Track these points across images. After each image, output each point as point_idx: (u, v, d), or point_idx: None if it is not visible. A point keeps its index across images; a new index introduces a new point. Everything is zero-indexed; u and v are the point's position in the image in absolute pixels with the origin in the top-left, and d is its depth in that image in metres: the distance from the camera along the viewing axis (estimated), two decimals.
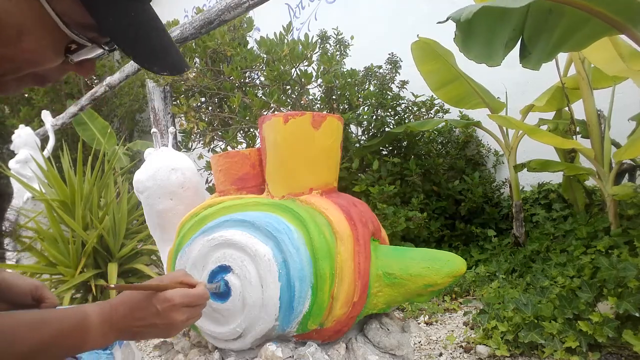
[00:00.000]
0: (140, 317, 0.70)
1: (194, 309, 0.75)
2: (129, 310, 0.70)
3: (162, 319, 0.71)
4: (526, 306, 1.81)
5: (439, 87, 2.81)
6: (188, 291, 0.74)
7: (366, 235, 1.14)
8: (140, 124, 6.76)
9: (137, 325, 0.71)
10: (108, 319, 0.69)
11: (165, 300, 0.71)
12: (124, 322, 0.70)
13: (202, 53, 2.88)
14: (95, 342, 0.68)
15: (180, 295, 0.72)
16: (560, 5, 1.44)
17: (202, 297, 0.76)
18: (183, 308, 0.73)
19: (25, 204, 3.45)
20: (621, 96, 2.47)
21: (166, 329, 0.72)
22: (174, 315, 0.71)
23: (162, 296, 0.71)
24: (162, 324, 0.71)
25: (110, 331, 0.69)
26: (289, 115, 1.16)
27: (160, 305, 0.71)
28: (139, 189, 1.42)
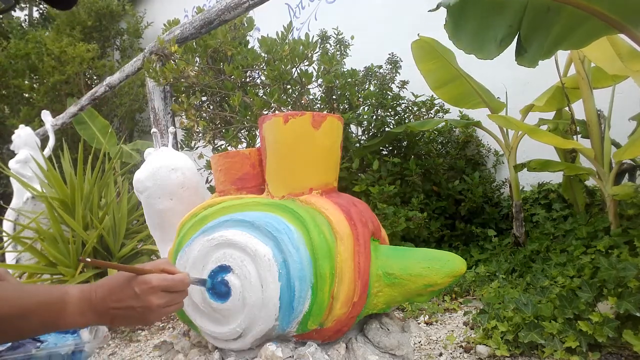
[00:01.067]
0: (118, 299, 0.70)
1: (173, 294, 0.74)
2: (107, 292, 0.71)
3: (140, 301, 0.71)
4: (526, 306, 1.81)
5: (438, 87, 2.82)
6: (167, 275, 0.74)
7: (366, 235, 1.14)
8: (140, 124, 6.76)
9: (114, 307, 0.70)
10: (87, 297, 0.70)
11: (143, 283, 0.71)
12: (103, 303, 0.70)
13: (202, 52, 2.88)
14: (72, 319, 0.69)
15: (158, 279, 0.72)
16: (560, 4, 1.44)
17: (182, 281, 0.75)
18: (161, 292, 0.72)
19: (25, 204, 3.45)
20: (621, 96, 2.47)
21: (143, 313, 0.72)
22: (152, 299, 0.71)
23: (141, 279, 0.71)
24: (139, 306, 0.71)
25: (89, 311, 0.70)
26: (289, 115, 1.16)
27: (138, 287, 0.71)
28: (139, 188, 1.42)
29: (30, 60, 6.05)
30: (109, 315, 0.71)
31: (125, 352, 2.30)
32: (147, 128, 6.55)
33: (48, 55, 5.87)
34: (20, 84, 6.12)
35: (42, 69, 5.96)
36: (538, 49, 1.57)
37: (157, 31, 5.52)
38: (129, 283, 0.71)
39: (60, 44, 5.81)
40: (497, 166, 3.44)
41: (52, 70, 5.89)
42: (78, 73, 5.96)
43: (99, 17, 6.54)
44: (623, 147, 2.06)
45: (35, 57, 5.98)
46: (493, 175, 3.40)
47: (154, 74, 2.74)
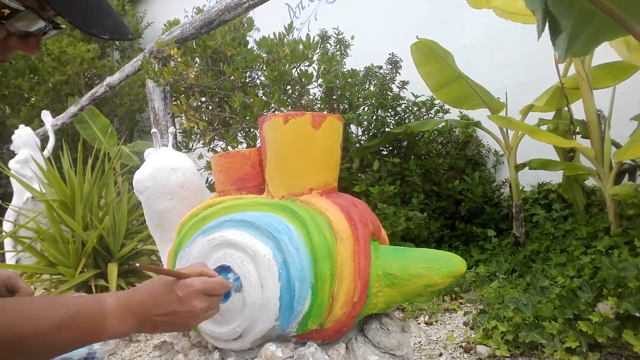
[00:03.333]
0: (161, 303, 0.68)
1: (213, 298, 0.73)
2: (148, 296, 0.68)
3: (183, 305, 0.69)
4: (526, 306, 1.81)
5: (438, 88, 2.82)
6: (208, 279, 0.73)
7: (366, 235, 1.14)
8: (140, 124, 6.77)
9: (157, 312, 0.68)
10: (125, 302, 0.67)
11: (186, 286, 0.69)
12: (143, 308, 0.68)
13: (202, 53, 2.88)
14: (114, 327, 0.65)
15: (201, 282, 0.71)
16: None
17: (222, 284, 0.75)
18: (203, 296, 0.71)
19: (25, 204, 3.46)
20: (621, 96, 2.47)
21: (186, 317, 0.70)
22: (195, 302, 0.70)
23: (183, 282, 0.70)
24: (182, 311, 0.69)
25: (129, 315, 0.67)
26: (289, 115, 1.16)
27: (181, 291, 0.69)
28: (138, 189, 1.42)
29: (30, 61, 6.05)
30: (151, 322, 0.69)
31: (125, 352, 2.30)
32: (147, 128, 6.55)
33: (48, 56, 5.88)
34: (21, 84, 6.12)
35: (42, 69, 5.97)
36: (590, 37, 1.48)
37: (157, 31, 5.51)
38: (170, 287, 0.69)
39: (60, 44, 5.81)
40: (497, 166, 3.44)
41: (52, 70, 5.89)
42: (78, 73, 5.96)
43: None
44: (623, 148, 2.06)
45: (36, 57, 5.98)
46: (493, 175, 3.40)
47: (153, 75, 2.75)
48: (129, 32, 0.65)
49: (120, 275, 2.61)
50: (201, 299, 0.71)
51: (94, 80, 6.34)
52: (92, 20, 0.60)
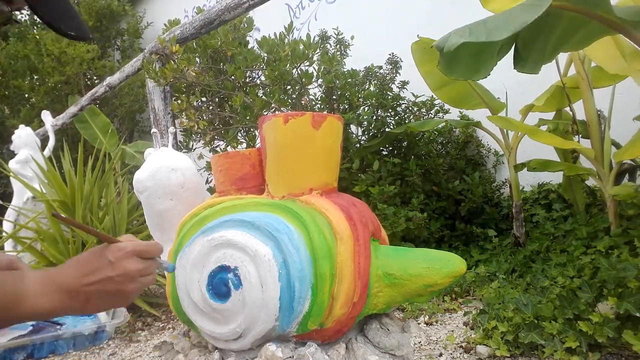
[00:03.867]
0: (92, 271, 0.65)
1: (147, 260, 0.70)
2: (77, 267, 0.66)
3: (116, 269, 0.66)
4: (526, 306, 1.81)
5: (438, 87, 2.82)
6: (140, 242, 0.70)
7: (366, 235, 1.14)
8: (140, 124, 6.77)
9: (87, 282, 0.65)
10: (52, 277, 0.64)
11: (117, 249, 0.67)
12: (73, 280, 0.65)
13: (202, 52, 2.88)
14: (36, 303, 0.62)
15: (132, 244, 0.68)
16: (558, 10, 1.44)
17: (155, 247, 0.72)
18: (137, 257, 0.68)
19: (25, 204, 3.46)
20: (621, 96, 2.47)
21: (121, 282, 0.66)
22: (128, 264, 0.66)
23: (114, 246, 0.67)
24: (116, 275, 0.66)
25: (55, 291, 0.63)
26: (289, 115, 1.16)
27: (112, 255, 0.66)
28: (139, 189, 1.42)
29: (30, 61, 6.05)
30: (83, 294, 0.65)
31: (125, 352, 2.30)
32: (147, 128, 6.56)
33: (48, 56, 5.88)
34: (20, 85, 6.12)
35: (42, 70, 5.97)
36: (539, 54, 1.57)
37: (157, 31, 5.51)
38: (100, 252, 0.67)
39: (60, 45, 5.81)
40: (497, 166, 3.44)
41: (52, 70, 5.89)
42: (78, 73, 5.96)
43: (99, 18, 6.55)
44: (623, 148, 2.06)
45: (35, 58, 5.99)
46: (493, 175, 3.40)
47: (154, 74, 2.75)
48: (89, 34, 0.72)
49: None
50: (135, 260, 0.68)
51: (94, 80, 6.34)
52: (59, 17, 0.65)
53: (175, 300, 1.20)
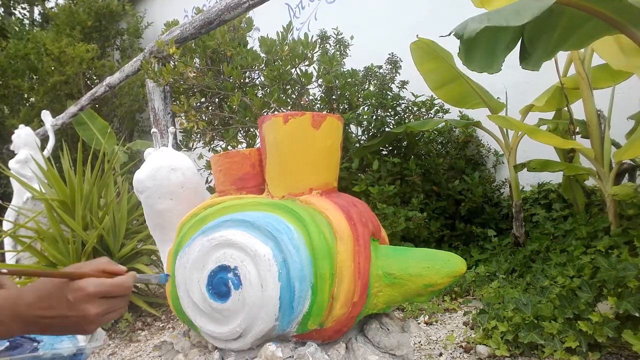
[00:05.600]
0: (49, 306, 0.63)
1: (113, 300, 0.66)
2: (37, 299, 0.63)
3: (74, 310, 0.62)
4: (526, 306, 1.81)
5: (438, 87, 2.82)
6: (105, 280, 0.65)
7: (366, 235, 1.14)
8: (140, 124, 6.77)
9: (45, 315, 0.63)
10: (9, 306, 0.63)
11: (77, 289, 0.62)
12: (31, 311, 0.63)
13: (202, 53, 2.88)
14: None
15: (94, 284, 0.63)
16: (561, 6, 1.44)
17: (122, 286, 0.66)
18: (99, 299, 0.64)
19: (25, 204, 3.45)
20: (621, 96, 2.47)
21: (79, 322, 0.64)
22: (87, 307, 0.63)
23: (75, 285, 0.63)
24: (74, 315, 0.63)
25: (12, 320, 0.62)
26: (289, 115, 1.16)
27: (72, 294, 0.62)
28: (138, 189, 1.42)
29: (29, 61, 6.05)
30: (40, 324, 0.63)
31: (125, 352, 2.30)
32: (147, 128, 6.55)
33: (47, 56, 5.88)
34: (20, 84, 6.12)
35: (41, 69, 5.96)
36: (543, 50, 1.57)
37: (157, 31, 5.51)
38: (60, 289, 0.63)
39: (59, 44, 5.81)
40: (497, 166, 3.44)
41: (52, 70, 5.89)
42: (78, 73, 5.96)
43: (99, 17, 6.54)
44: (623, 147, 2.06)
45: (35, 58, 5.99)
46: (493, 175, 3.40)
47: (153, 74, 2.75)
48: None
49: None
50: (96, 303, 0.64)
51: (94, 80, 6.34)
52: None
53: (175, 300, 1.20)
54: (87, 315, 0.63)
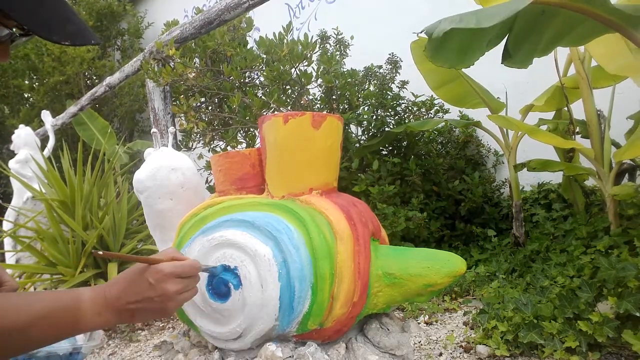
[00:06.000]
0: (134, 292, 0.70)
1: (186, 280, 0.74)
2: (122, 288, 0.71)
3: (156, 290, 0.70)
4: (526, 306, 1.81)
5: (438, 86, 2.81)
6: (177, 262, 0.74)
7: (366, 235, 1.14)
8: (140, 124, 6.76)
9: (132, 301, 0.70)
10: (102, 297, 0.70)
11: (155, 272, 0.71)
12: (119, 300, 0.70)
13: (202, 53, 2.88)
14: (90, 321, 0.68)
15: (170, 265, 0.72)
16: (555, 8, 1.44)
17: (193, 266, 0.75)
18: (175, 278, 0.72)
19: (25, 204, 3.46)
20: (621, 96, 2.47)
21: (162, 302, 0.72)
22: (167, 286, 0.71)
23: (153, 268, 0.71)
24: (156, 296, 0.71)
25: (106, 310, 0.69)
26: (289, 115, 1.16)
27: (152, 277, 0.70)
28: (138, 189, 1.42)
29: (30, 61, 6.05)
30: (128, 312, 0.71)
31: (125, 352, 2.30)
32: (147, 128, 6.55)
33: (48, 56, 5.87)
34: (20, 84, 6.12)
35: (42, 69, 5.96)
36: (529, 50, 1.57)
37: (158, 31, 5.51)
38: (141, 275, 0.71)
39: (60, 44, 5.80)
40: (497, 166, 3.44)
41: (52, 70, 5.88)
42: (78, 73, 5.96)
43: (100, 17, 6.54)
44: (623, 147, 2.06)
45: (35, 57, 5.98)
46: (493, 175, 3.40)
47: (153, 74, 2.75)
48: (92, 37, 0.67)
49: None
50: (174, 282, 0.72)
51: (94, 80, 6.34)
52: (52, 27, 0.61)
53: None
54: (167, 293, 0.71)
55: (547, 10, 1.45)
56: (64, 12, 0.64)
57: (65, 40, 0.63)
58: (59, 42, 0.63)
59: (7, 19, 0.61)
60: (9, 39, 0.64)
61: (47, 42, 5.79)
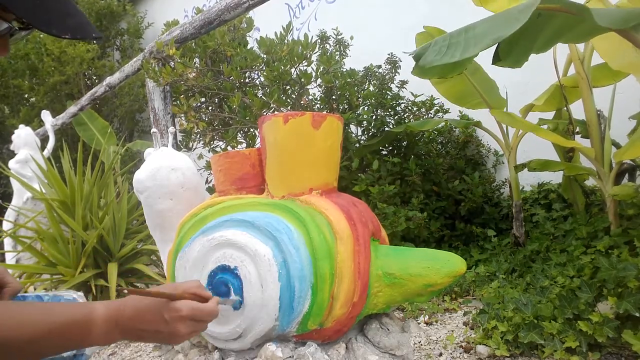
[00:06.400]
0: (147, 321, 0.71)
1: (199, 323, 0.75)
2: (136, 313, 0.71)
3: (167, 327, 0.71)
4: (526, 306, 1.81)
5: (440, 82, 2.81)
6: (199, 305, 0.74)
7: (366, 235, 1.14)
8: (140, 124, 6.76)
9: (141, 328, 0.71)
10: (114, 318, 0.70)
11: (174, 310, 0.71)
12: (130, 323, 0.71)
13: (202, 53, 2.88)
14: (98, 338, 0.69)
15: (189, 308, 0.72)
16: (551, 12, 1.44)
17: (211, 314, 0.76)
18: (189, 321, 0.73)
19: (25, 204, 3.46)
20: (621, 96, 2.47)
21: (169, 338, 0.73)
22: (179, 327, 0.72)
23: (172, 306, 0.71)
24: (166, 332, 0.72)
25: (115, 330, 0.70)
26: (289, 115, 1.16)
27: (168, 314, 0.71)
28: (138, 189, 1.42)
29: (30, 61, 6.05)
30: (135, 335, 0.72)
31: (125, 352, 2.30)
32: (147, 128, 6.55)
33: (48, 56, 5.87)
34: (20, 84, 6.12)
35: (42, 69, 5.96)
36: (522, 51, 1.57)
37: (158, 31, 5.51)
38: (159, 308, 0.71)
39: (60, 44, 5.80)
40: (497, 166, 3.44)
41: (52, 70, 5.88)
42: (78, 73, 5.96)
43: (100, 17, 6.54)
44: (623, 148, 2.06)
45: (35, 57, 5.98)
46: (493, 175, 3.40)
47: (153, 74, 2.74)
48: (92, 31, 0.66)
49: (120, 275, 2.61)
50: (187, 325, 0.72)
51: (94, 80, 6.34)
52: (52, 20, 0.61)
53: None
54: (177, 333, 0.72)
55: (543, 14, 1.45)
56: (65, 6, 0.64)
57: (65, 33, 0.62)
58: (58, 35, 0.62)
59: (6, 12, 0.60)
60: (8, 32, 0.64)
61: (47, 43, 5.80)
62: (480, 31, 1.37)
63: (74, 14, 0.65)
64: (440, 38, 1.47)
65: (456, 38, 1.40)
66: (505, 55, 1.55)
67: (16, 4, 0.58)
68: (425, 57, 1.40)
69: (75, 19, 0.64)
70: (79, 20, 0.65)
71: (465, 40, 1.36)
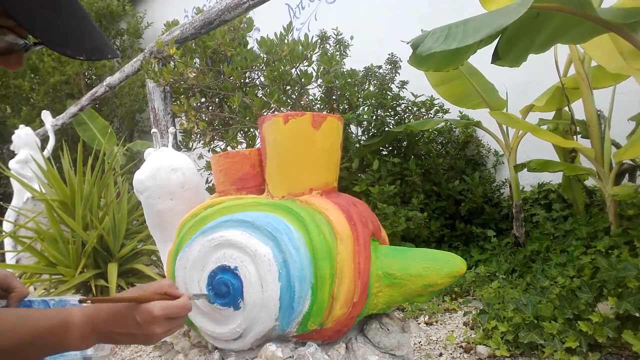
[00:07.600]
0: (121, 325, 0.72)
1: (174, 320, 0.75)
2: (110, 317, 0.72)
3: (141, 329, 0.72)
4: (526, 306, 1.81)
5: (439, 84, 2.81)
6: (169, 303, 0.74)
7: (366, 235, 1.14)
8: (140, 124, 6.76)
9: (116, 331, 0.72)
10: (90, 322, 0.71)
11: (145, 312, 0.72)
12: (105, 327, 0.72)
13: (202, 53, 2.88)
14: (75, 343, 0.70)
15: (160, 308, 0.73)
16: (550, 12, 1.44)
17: (184, 308, 0.76)
18: (163, 320, 0.73)
19: (25, 204, 3.46)
20: (621, 96, 2.47)
21: (144, 339, 0.74)
22: (153, 328, 0.72)
23: (143, 308, 0.72)
24: (140, 334, 0.72)
25: (92, 334, 0.71)
26: (289, 115, 1.16)
27: (140, 316, 0.71)
28: (139, 189, 1.42)
29: (30, 61, 6.05)
30: (111, 338, 0.73)
31: (125, 352, 2.30)
32: (147, 128, 6.55)
33: (48, 56, 5.87)
34: (21, 84, 6.12)
35: (42, 69, 5.96)
36: (523, 48, 1.57)
37: (158, 32, 5.51)
38: (131, 312, 0.72)
39: None
40: (497, 166, 3.44)
41: (52, 70, 5.88)
42: (78, 73, 5.96)
43: (99, 18, 6.54)
44: (623, 148, 2.06)
45: (36, 57, 5.98)
46: (493, 175, 3.40)
47: (153, 74, 2.75)
48: (109, 52, 0.65)
49: (120, 275, 2.61)
50: (161, 324, 0.73)
51: (94, 80, 6.34)
52: (67, 41, 0.60)
53: None
54: (152, 334, 0.73)
55: (542, 13, 1.45)
56: (82, 25, 0.62)
57: (80, 54, 0.61)
58: (73, 56, 0.61)
59: (22, 28, 0.60)
60: (23, 48, 0.64)
61: None
62: (479, 22, 1.37)
63: (91, 32, 0.63)
64: (438, 28, 1.47)
65: (455, 29, 1.41)
66: (505, 54, 1.55)
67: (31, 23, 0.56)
68: (424, 45, 1.40)
69: (92, 40, 0.63)
70: (96, 40, 0.63)
71: (464, 31, 1.36)
